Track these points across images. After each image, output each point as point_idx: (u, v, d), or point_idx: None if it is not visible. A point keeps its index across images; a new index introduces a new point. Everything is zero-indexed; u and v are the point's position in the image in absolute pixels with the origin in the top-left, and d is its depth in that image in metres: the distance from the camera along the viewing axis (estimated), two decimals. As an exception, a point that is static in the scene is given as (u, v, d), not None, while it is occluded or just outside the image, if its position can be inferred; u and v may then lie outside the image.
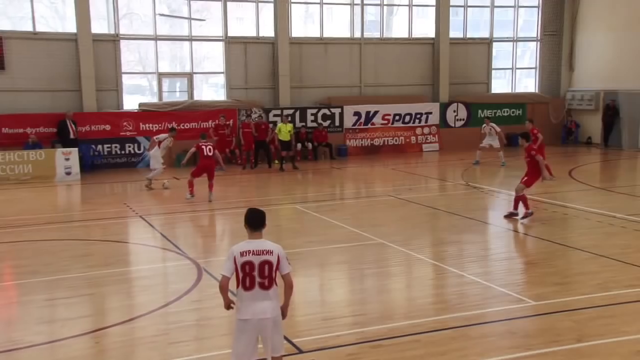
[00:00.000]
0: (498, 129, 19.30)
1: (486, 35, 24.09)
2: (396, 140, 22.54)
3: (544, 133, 21.59)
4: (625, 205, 12.65)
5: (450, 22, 23.08)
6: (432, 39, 23.23)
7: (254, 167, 19.18)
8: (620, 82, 22.22)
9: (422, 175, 17.85)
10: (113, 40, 19.81)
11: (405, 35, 23.21)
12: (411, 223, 11.63)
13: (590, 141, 23.72)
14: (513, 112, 24.03)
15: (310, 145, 21.04)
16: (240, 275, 4.91)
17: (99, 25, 19.81)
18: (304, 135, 21.11)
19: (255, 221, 5.03)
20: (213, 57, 21.52)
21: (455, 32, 23.63)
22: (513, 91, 24.82)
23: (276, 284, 4.97)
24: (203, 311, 5.30)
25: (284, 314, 5.10)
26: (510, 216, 11.69)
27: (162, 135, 16.06)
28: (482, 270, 8.66)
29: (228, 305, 5.04)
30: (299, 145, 20.90)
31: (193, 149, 14.16)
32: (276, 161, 19.91)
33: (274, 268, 4.93)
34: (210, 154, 14.11)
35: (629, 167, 19.59)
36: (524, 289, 7.78)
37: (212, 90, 22.07)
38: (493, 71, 24.45)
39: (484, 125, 19.73)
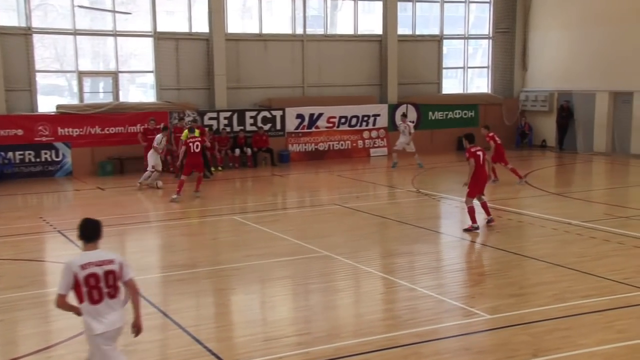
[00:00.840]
0: (413, 130, 19.58)
1: (436, 32, 24.66)
2: (342, 145, 22.71)
3: (498, 135, 22.21)
4: (581, 212, 13.15)
5: (398, 18, 23.50)
6: (380, 35, 23.59)
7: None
8: (574, 82, 23.17)
9: (370, 182, 18.03)
10: (24, 34, 19.13)
11: (351, 32, 23.47)
12: (359, 234, 11.71)
13: (544, 144, 24.59)
14: (465, 114, 24.64)
15: (249, 150, 20.93)
16: (85, 289, 5.07)
17: (8, 17, 19.11)
18: (243, 140, 20.98)
19: (90, 232, 5.18)
20: (141, 54, 21.11)
21: (403, 29, 24.07)
22: (465, 91, 25.47)
23: (121, 293, 5.22)
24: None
25: (138, 326, 5.33)
26: (488, 223, 11.91)
27: (158, 137, 16.83)
28: (434, 282, 8.80)
29: (79, 312, 5.19)
30: (237, 151, 20.76)
31: (183, 148, 15.26)
32: (220, 167, 19.75)
33: (118, 277, 5.18)
34: (198, 150, 15.12)
35: (584, 171, 20.42)
36: (479, 302, 7.95)
37: (140, 91, 21.64)
38: (444, 70, 25.03)
39: (400, 122, 19.89)
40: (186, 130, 17.91)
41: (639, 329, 6.83)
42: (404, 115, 21.17)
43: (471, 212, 11.71)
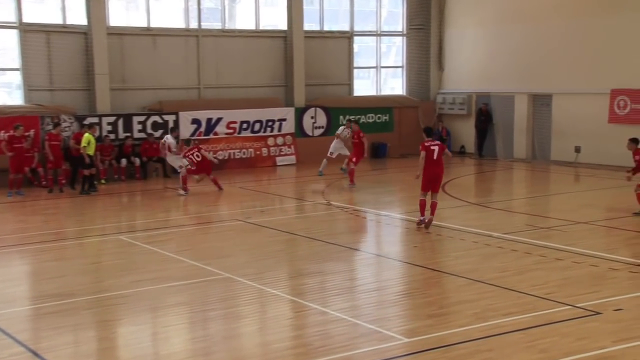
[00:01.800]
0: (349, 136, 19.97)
1: (346, 28, 25.13)
2: (244, 153, 22.63)
3: (414, 141, 22.89)
4: (502, 223, 13.76)
5: (304, 12, 23.77)
6: (284, 31, 23.76)
7: (63, 189, 18.21)
8: (493, 83, 24.28)
9: (277, 194, 18.06)
10: None
11: (252, 27, 23.51)
12: (264, 252, 11.69)
13: (463, 150, 25.56)
14: (379, 118, 25.22)
15: (137, 160, 20.43)
16: None
17: None
18: (130, 148, 20.47)
19: None
20: (3, 49, 20.17)
21: (310, 24, 24.37)
22: (378, 93, 26.08)
23: None
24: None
25: None
26: (418, 224, 12.90)
27: (169, 138, 18.32)
28: (348, 304, 8.91)
29: None
30: (124, 162, 20.22)
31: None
32: (103, 181, 19.18)
33: None
34: (199, 159, 17.79)
35: (505, 179, 21.40)
36: (396, 324, 8.12)
37: (3, 92, 20.67)
38: (355, 70, 25.53)
39: (344, 127, 20.16)
40: (87, 134, 17.42)
41: (561, 347, 7.21)
42: (350, 121, 21.37)
43: (420, 205, 12.80)
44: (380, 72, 26.29)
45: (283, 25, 23.78)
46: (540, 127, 23.31)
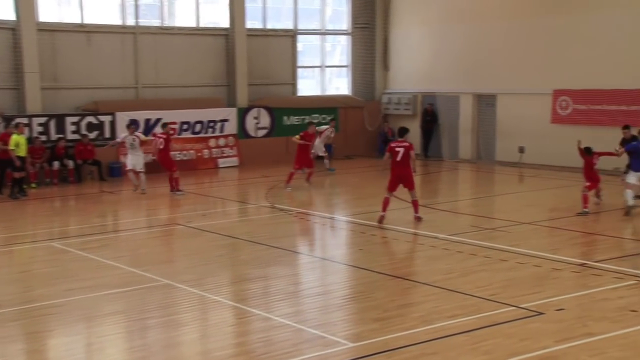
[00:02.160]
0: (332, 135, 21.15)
1: (290, 26, 25.16)
2: (185, 155, 22.40)
3: (359, 142, 23.17)
4: (448, 224, 13.99)
5: (246, 10, 23.70)
6: (226, 29, 23.63)
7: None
8: (438, 83, 24.68)
9: (219, 197, 17.95)
10: None
11: (193, 24, 23.31)
12: (206, 257, 11.61)
13: (409, 151, 25.88)
14: (324, 119, 25.27)
15: (71, 163, 20.01)
16: None
17: None
18: (63, 150, 20.03)
19: None
20: None
21: (253, 22, 24.32)
22: (323, 93, 26.19)
23: None
24: None
25: None
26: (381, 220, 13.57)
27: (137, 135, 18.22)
28: (292, 310, 8.93)
29: None
30: (56, 164, 19.77)
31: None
32: (34, 184, 18.71)
33: None
34: (162, 147, 17.57)
35: (450, 180, 21.77)
36: (341, 329, 8.17)
37: None
38: (299, 69, 25.58)
39: (327, 126, 21.04)
40: (15, 135, 17.02)
41: (504, 348, 7.38)
42: (333, 120, 21.72)
43: (383, 202, 13.69)
44: (325, 72, 26.41)
45: (225, 23, 23.65)
46: (485, 127, 23.80)
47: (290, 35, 25.09)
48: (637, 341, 7.53)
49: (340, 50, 27.09)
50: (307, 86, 26.10)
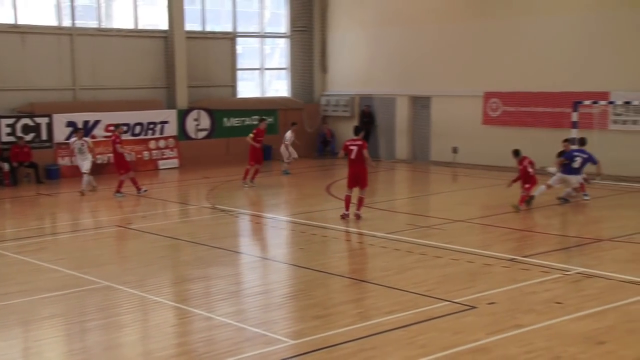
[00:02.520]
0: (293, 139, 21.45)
1: (229, 29, 25.04)
2: (125, 157, 21.97)
3: (299, 143, 23.16)
4: (385, 223, 14.20)
5: (185, 12, 23.48)
6: (165, 31, 23.36)
7: None
8: (375, 85, 24.98)
9: (159, 198, 17.75)
10: None
11: (131, 26, 22.96)
12: (146, 258, 11.48)
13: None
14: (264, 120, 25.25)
15: (6, 166, 19.45)
16: None
17: None
18: (-3, 152, 19.46)
19: None
20: None
21: (192, 24, 24.11)
22: (263, 95, 26.17)
23: None
24: None
25: None
26: (344, 217, 14.04)
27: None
28: (233, 309, 8.93)
29: None
30: (-9, 166, 19.20)
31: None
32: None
33: None
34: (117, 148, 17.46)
35: (387, 180, 22.04)
36: (282, 327, 8.22)
37: None
38: (239, 72, 25.49)
39: (290, 134, 21.43)
40: None
41: (439, 342, 7.56)
42: (294, 124, 21.96)
43: (344, 200, 14.13)
44: (264, 74, 26.39)
45: (163, 25, 23.37)
46: (420, 128, 24.21)
47: (230, 38, 24.98)
48: (562, 331, 7.82)
49: (279, 52, 27.13)
50: (247, 88, 26.05)
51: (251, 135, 19.13)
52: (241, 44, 25.72)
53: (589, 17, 19.78)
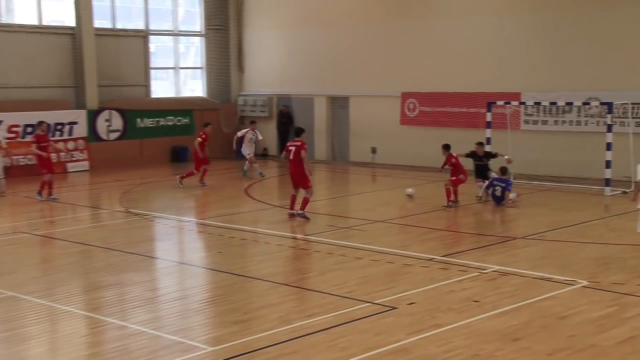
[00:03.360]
0: (260, 137, 21.19)
1: (141, 26, 24.52)
2: (30, 159, 21.16)
3: (216, 144, 22.97)
4: (305, 224, 14.21)
5: (94, 8, 22.82)
6: (72, 28, 22.65)
7: None
8: (293, 85, 25.02)
9: (69, 202, 17.19)
10: None
11: (35, 22, 22.12)
12: (55, 266, 11.11)
13: (266, 153, 26.06)
14: (179, 121, 24.93)
15: None
16: None
17: None
18: None
19: None
20: None
21: (102, 21, 23.48)
22: (178, 95, 25.77)
23: None
24: None
25: None
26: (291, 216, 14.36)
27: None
28: (149, 316, 8.73)
29: None
30: None
31: None
32: None
33: None
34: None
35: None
36: (200, 334, 8.10)
37: None
38: (152, 71, 25.01)
39: (248, 130, 20.72)
40: None
41: (360, 344, 7.62)
42: (254, 122, 21.18)
43: (290, 199, 14.48)
44: (179, 73, 25.99)
45: (70, 22, 22.64)
46: (339, 128, 24.42)
47: (142, 36, 24.46)
48: (480, 329, 8.03)
49: (194, 51, 26.78)
50: (161, 88, 25.63)
51: (199, 140, 18.90)
52: (154, 42, 25.26)
53: (502, 19, 20.48)
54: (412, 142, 21.92)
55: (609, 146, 16.73)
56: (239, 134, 21.02)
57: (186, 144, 24.74)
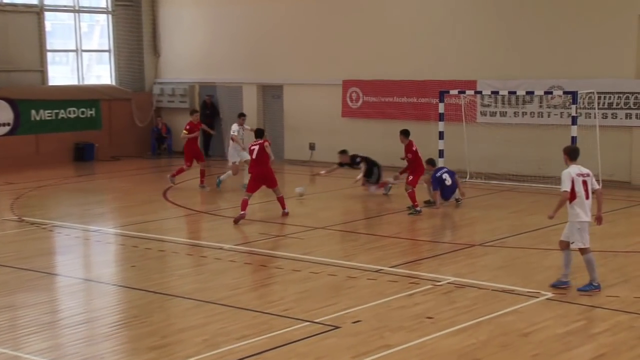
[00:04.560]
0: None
1: (34, 1, 24.00)
2: None
3: (128, 140, 22.68)
4: (234, 232, 14.20)
5: (-21, -21, 22.26)
6: (-47, 2, 22.00)
7: None
8: (217, 72, 24.88)
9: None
10: None
11: None
12: None
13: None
14: (83, 113, 24.52)
15: None
16: None
17: None
18: None
19: None
20: None
21: (-12, -6, 22.90)
22: (81, 83, 25.34)
23: None
24: None
25: None
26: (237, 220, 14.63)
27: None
28: (48, 344, 8.57)
29: None
30: None
31: None
32: None
33: None
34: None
35: (235, 182, 21.95)
36: (110, 362, 7.99)
37: None
38: (49, 54, 24.53)
39: (237, 127, 19.04)
40: None
41: (300, 368, 7.66)
42: (243, 115, 19.55)
43: (241, 202, 14.74)
44: (82, 57, 25.53)
45: (-49, -6, 22.00)
46: (272, 122, 24.38)
47: (36, 12, 23.97)
48: (435, 349, 8.15)
49: (99, 31, 26.36)
50: (61, 74, 25.22)
51: (185, 131, 18.92)
52: (51, 20, 24.77)
53: (456, -3, 20.81)
54: (356, 137, 22.05)
55: (573, 140, 17.22)
56: (234, 132, 19.14)
57: (92, 140, 24.36)
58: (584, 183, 10.04)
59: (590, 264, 10.01)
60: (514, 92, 19.02)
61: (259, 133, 15.53)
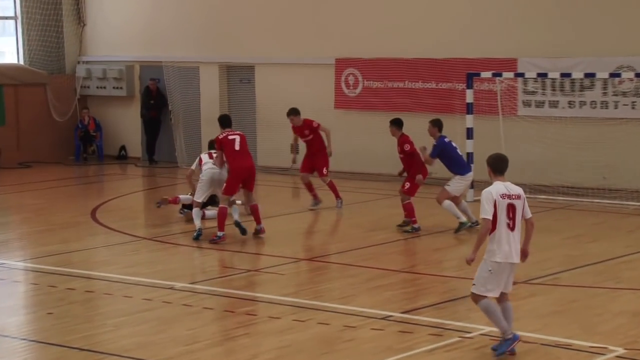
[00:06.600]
0: None
1: None
2: None
3: (41, 141, 22.54)
4: (190, 266, 14.36)
5: None
6: None
7: None
8: (165, 47, 24.86)
9: None
10: None
11: None
12: None
13: (124, 154, 25.81)
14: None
15: None
16: None
17: None
18: None
19: None
20: None
21: None
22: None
23: None
24: None
25: None
26: (255, 233, 15.47)
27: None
28: None
29: None
30: None
31: None
32: None
33: None
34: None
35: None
36: None
37: None
38: None
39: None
40: None
41: None
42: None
43: (219, 215, 15.28)
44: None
45: None
46: (241, 115, 24.24)
47: None
48: None
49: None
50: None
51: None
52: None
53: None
54: (353, 135, 22.04)
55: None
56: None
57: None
58: (510, 208, 9.43)
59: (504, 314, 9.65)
60: (569, 75, 19.01)
61: (224, 120, 16.04)
